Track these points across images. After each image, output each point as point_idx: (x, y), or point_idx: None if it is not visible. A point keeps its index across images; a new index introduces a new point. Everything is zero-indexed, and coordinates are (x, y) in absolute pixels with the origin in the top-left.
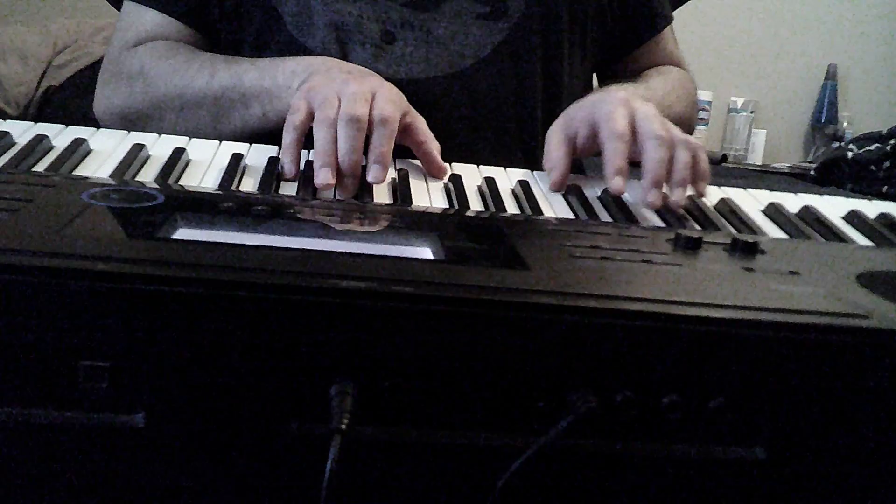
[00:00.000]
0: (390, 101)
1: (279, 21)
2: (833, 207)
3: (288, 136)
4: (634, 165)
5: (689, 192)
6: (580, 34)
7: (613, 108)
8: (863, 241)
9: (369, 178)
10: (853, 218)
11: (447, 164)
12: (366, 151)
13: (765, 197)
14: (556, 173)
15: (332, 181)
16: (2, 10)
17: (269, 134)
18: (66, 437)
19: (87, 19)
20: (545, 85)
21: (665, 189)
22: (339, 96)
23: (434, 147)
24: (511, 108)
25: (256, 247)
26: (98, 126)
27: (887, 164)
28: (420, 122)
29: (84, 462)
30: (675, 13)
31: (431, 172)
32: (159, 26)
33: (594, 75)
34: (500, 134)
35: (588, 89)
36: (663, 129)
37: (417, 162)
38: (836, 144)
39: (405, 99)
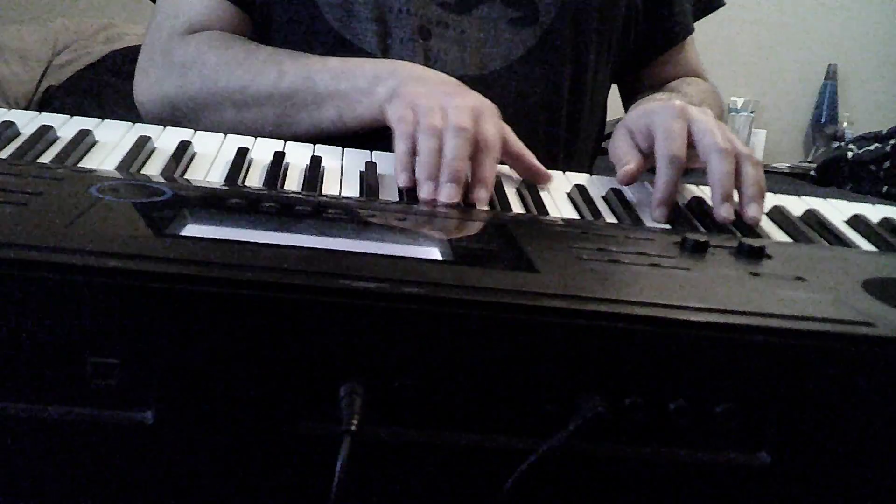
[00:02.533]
0: (494, 125)
1: (317, 13)
2: (836, 211)
3: (401, 146)
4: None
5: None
6: (607, 43)
7: (671, 121)
8: (866, 245)
9: (474, 199)
10: (856, 222)
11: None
12: None
13: (768, 200)
14: (630, 165)
15: (433, 195)
16: (2, 10)
17: (340, 136)
18: (75, 433)
19: (87, 19)
20: (571, 90)
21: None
22: (445, 108)
23: (533, 158)
24: (538, 112)
25: (265, 245)
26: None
27: (887, 164)
28: (511, 136)
29: (92, 458)
30: None
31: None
32: (211, 10)
33: (616, 86)
34: (526, 136)
35: (604, 98)
36: (726, 142)
37: None
38: (836, 144)
39: (499, 113)
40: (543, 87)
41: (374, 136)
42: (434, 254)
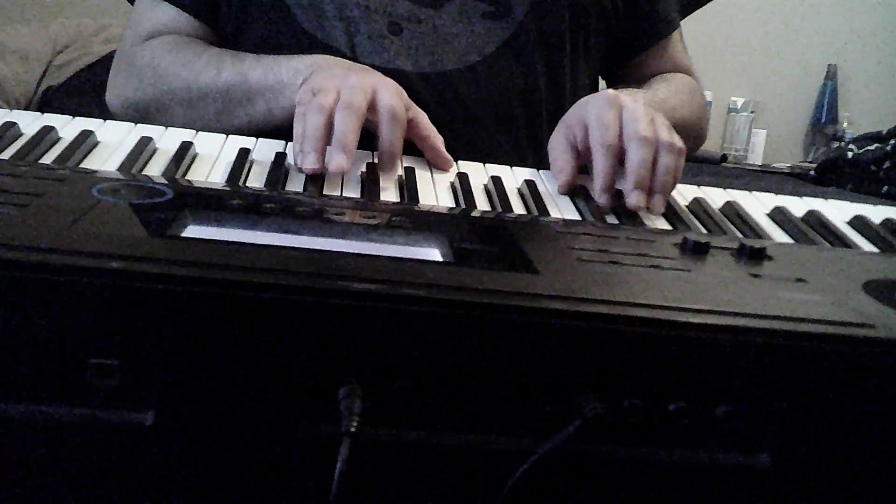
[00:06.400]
0: (396, 96)
1: (288, 14)
2: (838, 212)
3: (298, 128)
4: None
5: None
6: (583, 37)
7: (602, 110)
8: (867, 246)
9: (380, 173)
10: (858, 223)
11: (450, 158)
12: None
13: (770, 200)
14: (564, 176)
15: (319, 167)
16: (2, 10)
17: (274, 130)
18: (75, 434)
19: (87, 19)
20: (548, 84)
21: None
22: (339, 89)
23: (439, 140)
24: (518, 106)
25: (266, 246)
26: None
27: (887, 164)
28: (422, 117)
29: (92, 459)
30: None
31: (438, 165)
32: (171, 19)
33: (603, 82)
34: (508, 131)
35: (593, 90)
36: (649, 129)
37: (425, 159)
38: (836, 144)
39: (405, 94)
40: (519, 81)
41: (370, 138)
42: (434, 255)
